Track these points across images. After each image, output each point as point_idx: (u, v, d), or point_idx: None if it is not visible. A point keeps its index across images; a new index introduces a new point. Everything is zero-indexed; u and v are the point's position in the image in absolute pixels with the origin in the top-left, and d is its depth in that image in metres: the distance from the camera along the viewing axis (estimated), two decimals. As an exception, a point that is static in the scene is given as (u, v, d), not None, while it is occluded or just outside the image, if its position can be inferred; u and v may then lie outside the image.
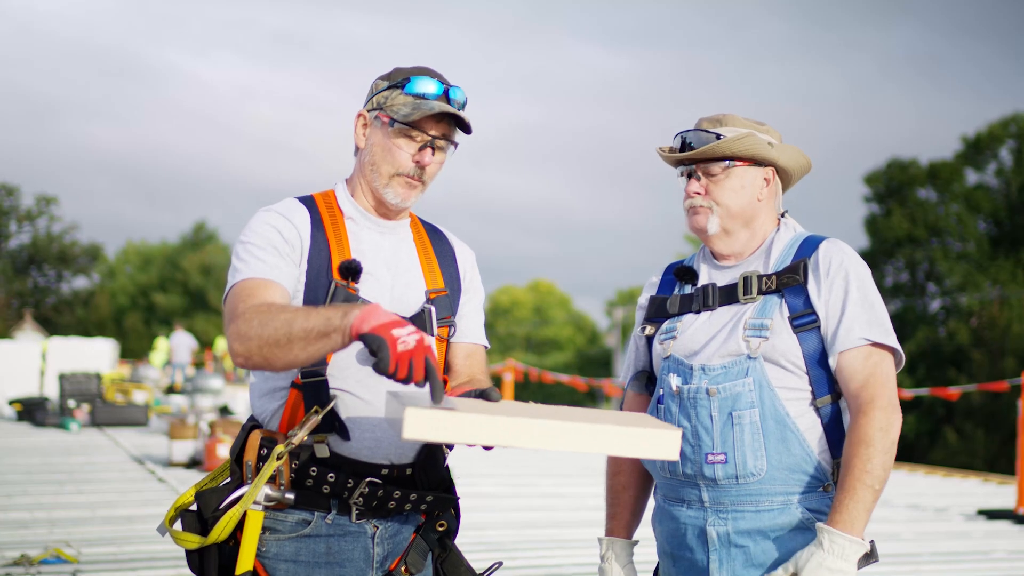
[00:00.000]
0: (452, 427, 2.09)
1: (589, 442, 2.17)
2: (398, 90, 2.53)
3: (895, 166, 41.87)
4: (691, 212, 2.72)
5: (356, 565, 2.48)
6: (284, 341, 2.19)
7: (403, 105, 2.51)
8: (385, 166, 2.54)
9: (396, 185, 2.54)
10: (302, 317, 2.18)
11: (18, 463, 11.45)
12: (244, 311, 2.29)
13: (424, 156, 2.53)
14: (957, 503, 10.69)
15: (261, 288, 2.37)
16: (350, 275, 2.47)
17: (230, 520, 2.38)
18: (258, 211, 2.54)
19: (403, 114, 2.50)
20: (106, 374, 21.61)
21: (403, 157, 2.52)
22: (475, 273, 2.74)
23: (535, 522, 8.56)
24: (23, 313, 46.56)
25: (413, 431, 2.06)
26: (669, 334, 2.73)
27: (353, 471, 2.45)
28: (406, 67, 2.58)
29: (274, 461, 2.38)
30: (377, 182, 2.55)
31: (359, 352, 2.45)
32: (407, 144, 2.52)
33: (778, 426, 2.56)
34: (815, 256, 2.64)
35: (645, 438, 2.19)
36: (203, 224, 64.66)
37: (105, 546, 6.84)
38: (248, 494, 2.39)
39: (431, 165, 2.54)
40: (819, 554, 2.43)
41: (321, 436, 2.43)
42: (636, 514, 2.88)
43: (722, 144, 2.65)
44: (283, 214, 2.50)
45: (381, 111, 2.54)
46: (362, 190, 2.60)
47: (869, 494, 2.46)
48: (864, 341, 2.56)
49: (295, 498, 2.43)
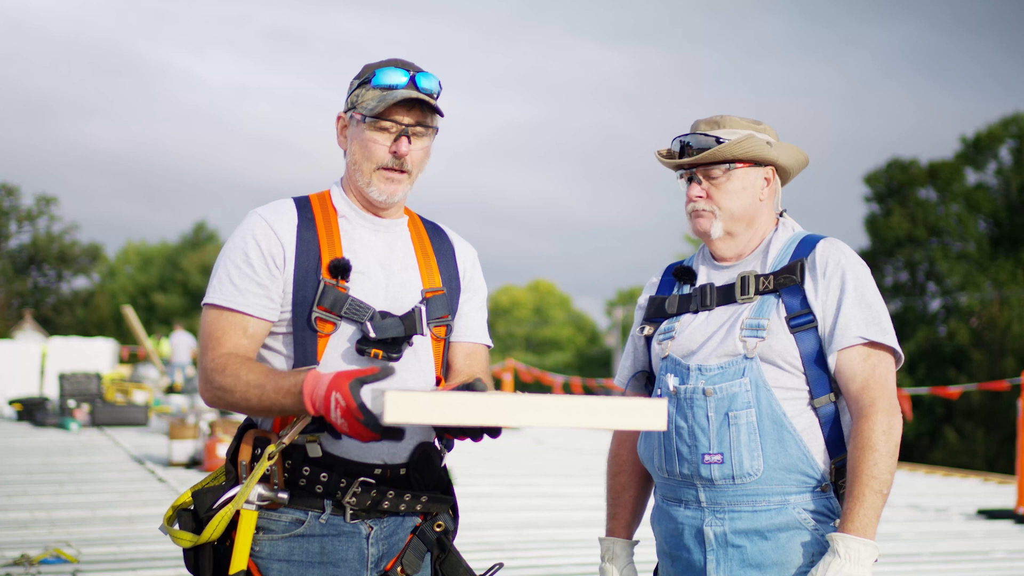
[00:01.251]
0: (435, 408, 2.06)
1: (574, 417, 2.15)
2: (366, 85, 2.54)
3: (895, 166, 41.88)
4: (694, 216, 2.72)
5: (350, 565, 2.47)
6: (244, 407, 2.42)
7: (371, 99, 2.53)
8: (365, 163, 2.55)
9: (378, 181, 2.55)
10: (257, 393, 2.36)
11: (18, 463, 11.44)
12: (216, 362, 2.43)
13: (400, 146, 2.53)
14: (957, 503, 10.68)
15: (231, 328, 2.47)
16: (339, 274, 2.48)
17: (222, 519, 2.39)
18: (248, 213, 2.57)
19: (370, 108, 2.52)
20: (106, 374, 21.61)
21: (379, 150, 2.54)
22: (476, 271, 2.74)
23: (535, 522, 8.55)
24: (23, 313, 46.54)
25: (394, 414, 2.04)
26: (667, 334, 2.73)
27: (346, 471, 2.45)
28: (375, 62, 2.58)
29: (265, 461, 2.39)
30: (361, 180, 2.56)
31: (346, 352, 2.46)
32: (382, 137, 2.53)
33: (775, 426, 2.56)
34: (812, 256, 2.64)
35: (630, 409, 2.18)
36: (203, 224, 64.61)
37: (105, 546, 6.83)
38: (240, 493, 2.40)
39: (410, 153, 2.54)
40: (836, 562, 2.44)
41: (313, 436, 2.43)
42: (636, 514, 2.88)
43: (723, 149, 2.65)
44: (268, 222, 2.52)
45: (354, 109, 2.56)
46: (351, 188, 2.61)
47: (878, 499, 2.47)
48: (860, 340, 2.56)
49: (288, 498, 2.44)
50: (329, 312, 2.46)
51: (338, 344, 2.47)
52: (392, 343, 2.48)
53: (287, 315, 2.48)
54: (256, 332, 2.48)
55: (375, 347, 2.47)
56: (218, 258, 2.55)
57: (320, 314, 2.46)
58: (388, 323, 2.48)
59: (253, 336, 2.48)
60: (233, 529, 2.43)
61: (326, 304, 2.46)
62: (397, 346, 2.49)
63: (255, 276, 2.48)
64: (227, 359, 2.43)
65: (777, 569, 2.56)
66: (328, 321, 2.46)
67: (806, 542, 2.56)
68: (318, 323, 2.46)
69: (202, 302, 2.53)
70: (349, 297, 2.47)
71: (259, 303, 2.47)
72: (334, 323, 2.46)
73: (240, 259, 2.50)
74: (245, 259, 2.49)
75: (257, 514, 2.43)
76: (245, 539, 2.41)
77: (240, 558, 2.40)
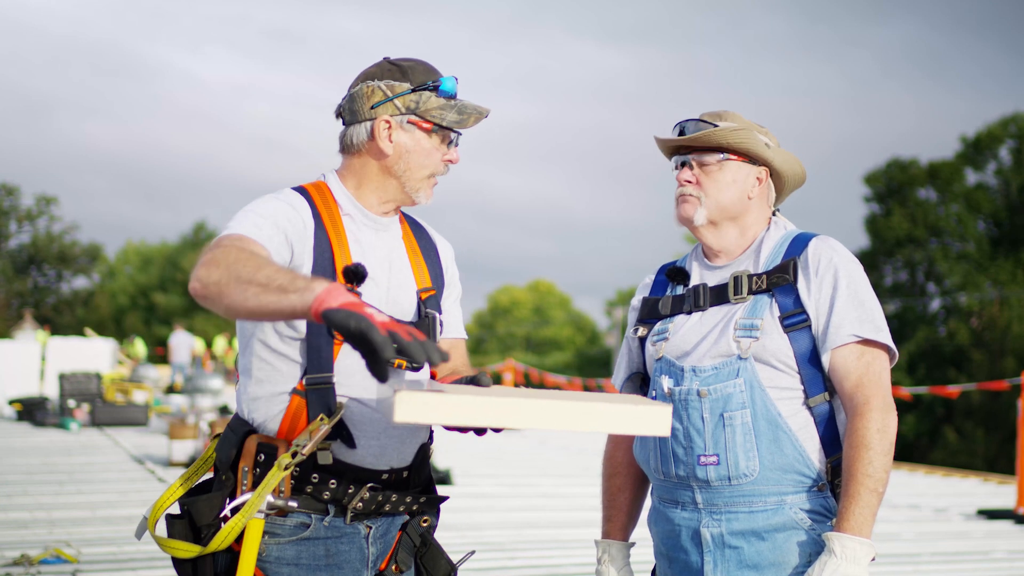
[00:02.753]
0: (443, 409, 2.08)
1: (579, 420, 2.16)
2: (429, 92, 2.51)
3: (895, 166, 41.87)
4: (680, 201, 2.72)
5: (353, 566, 2.47)
6: (246, 279, 2.08)
7: (443, 110, 2.50)
8: (421, 170, 2.53)
9: (428, 187, 2.55)
10: (273, 267, 2.10)
11: (18, 463, 11.44)
12: (226, 244, 2.22)
13: (454, 155, 2.55)
14: (957, 503, 10.68)
15: (249, 241, 2.28)
16: (355, 279, 2.44)
17: (232, 530, 2.35)
18: (268, 196, 2.47)
19: (453, 120, 2.50)
20: (106, 374, 21.60)
21: (437, 159, 2.54)
22: (454, 267, 2.75)
23: (535, 522, 8.56)
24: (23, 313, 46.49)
25: (405, 414, 2.05)
26: (661, 335, 2.73)
27: (355, 478, 2.43)
28: (406, 63, 2.53)
29: (280, 472, 2.34)
30: (410, 185, 2.53)
31: None
32: (440, 146, 2.53)
33: (770, 426, 2.56)
34: (804, 254, 2.64)
35: (635, 415, 2.18)
36: (203, 224, 64.65)
37: (105, 546, 6.84)
38: (251, 504, 2.35)
39: None
40: (832, 561, 2.43)
41: (326, 443, 2.39)
42: (632, 516, 2.88)
43: (716, 133, 2.65)
44: (292, 205, 2.46)
45: (415, 116, 2.50)
46: (375, 191, 2.56)
47: (874, 497, 2.47)
48: (854, 338, 2.56)
49: (296, 505, 2.41)
50: None
51: (351, 350, 2.42)
52: None
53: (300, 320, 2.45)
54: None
55: (399, 357, 2.46)
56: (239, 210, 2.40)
57: None
58: None
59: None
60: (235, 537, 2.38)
61: None
62: None
63: (278, 229, 2.38)
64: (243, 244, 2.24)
65: (774, 569, 2.56)
66: None
67: (803, 542, 2.56)
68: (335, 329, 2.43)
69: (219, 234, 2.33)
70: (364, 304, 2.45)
71: (280, 247, 2.37)
72: None
73: (267, 211, 2.38)
74: (271, 214, 2.38)
75: (264, 523, 2.39)
76: (252, 548, 2.36)
77: (247, 567, 2.36)
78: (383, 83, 2.51)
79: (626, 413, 2.17)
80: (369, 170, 2.55)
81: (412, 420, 2.06)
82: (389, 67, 2.53)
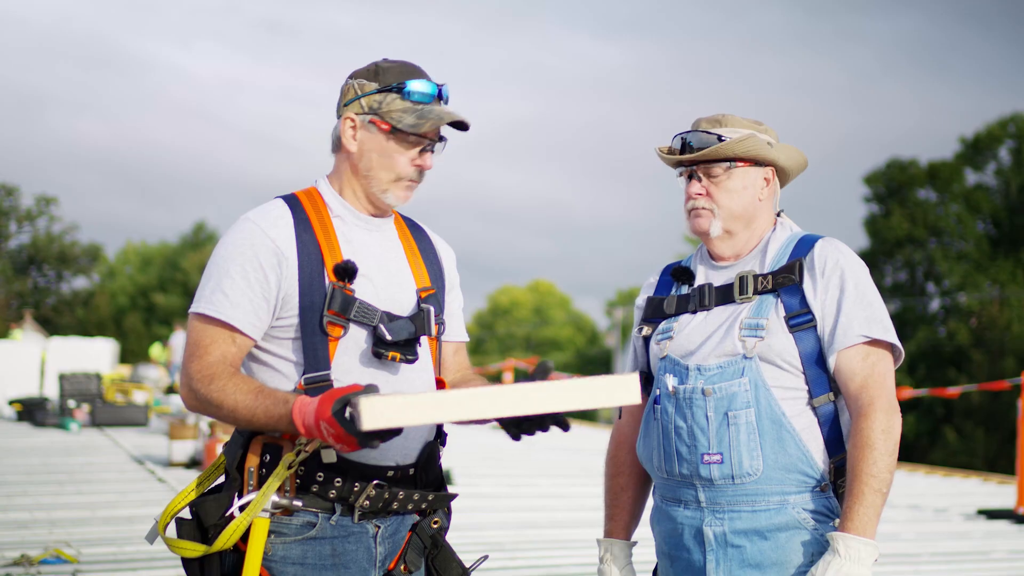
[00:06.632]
0: (407, 410, 2.10)
1: (548, 402, 2.17)
2: (394, 95, 2.50)
3: (895, 166, 41.87)
4: (693, 215, 2.72)
5: (360, 566, 2.47)
6: (230, 423, 2.41)
7: (404, 112, 2.49)
8: (384, 172, 2.52)
9: (397, 189, 2.54)
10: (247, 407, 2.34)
11: (18, 463, 11.43)
12: (204, 372, 2.40)
13: (426, 160, 2.53)
14: (957, 503, 10.68)
15: (220, 337, 2.43)
16: (346, 276, 2.45)
17: (237, 529, 2.36)
18: (240, 219, 2.51)
19: (409, 124, 2.48)
20: (106, 374, 21.60)
21: (404, 163, 2.52)
22: (456, 273, 2.76)
23: (535, 522, 8.55)
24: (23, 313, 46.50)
25: (371, 421, 2.08)
26: (665, 334, 2.73)
27: (360, 475, 2.44)
28: (387, 64, 2.54)
29: (284, 470, 2.36)
30: (375, 187, 2.54)
31: (361, 354, 2.45)
32: (408, 150, 2.51)
33: (774, 426, 2.56)
34: (811, 255, 2.64)
35: (604, 386, 2.20)
36: (203, 224, 64.63)
37: (105, 546, 6.83)
38: (256, 502, 2.36)
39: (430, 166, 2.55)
40: (836, 561, 2.44)
41: None
42: (634, 515, 2.88)
43: (724, 146, 2.65)
44: (263, 229, 2.46)
45: (376, 116, 2.50)
46: (352, 190, 2.57)
47: (878, 498, 2.47)
48: (862, 338, 2.56)
49: (301, 504, 2.42)
50: (339, 316, 2.43)
51: (348, 347, 2.45)
52: (407, 345, 2.48)
53: (294, 321, 2.44)
54: (242, 344, 2.45)
55: (392, 350, 2.46)
56: (210, 263, 2.48)
57: (331, 318, 2.43)
58: (399, 325, 2.47)
59: (240, 346, 2.45)
60: (241, 536, 2.39)
61: (336, 307, 2.43)
62: (411, 347, 2.49)
63: (249, 291, 2.43)
64: (215, 369, 2.39)
65: (777, 569, 2.56)
66: (337, 325, 2.44)
67: (806, 542, 2.56)
68: (329, 327, 2.43)
69: (190, 309, 2.47)
70: (357, 300, 2.45)
71: (248, 320, 2.43)
72: (343, 326, 2.44)
73: (235, 270, 2.44)
74: (241, 271, 2.44)
75: (269, 522, 2.40)
76: (257, 547, 2.38)
77: (253, 567, 2.37)
78: (357, 82, 2.54)
79: (595, 385, 2.20)
80: (344, 169, 2.58)
81: (379, 426, 2.09)
82: (370, 67, 2.55)
